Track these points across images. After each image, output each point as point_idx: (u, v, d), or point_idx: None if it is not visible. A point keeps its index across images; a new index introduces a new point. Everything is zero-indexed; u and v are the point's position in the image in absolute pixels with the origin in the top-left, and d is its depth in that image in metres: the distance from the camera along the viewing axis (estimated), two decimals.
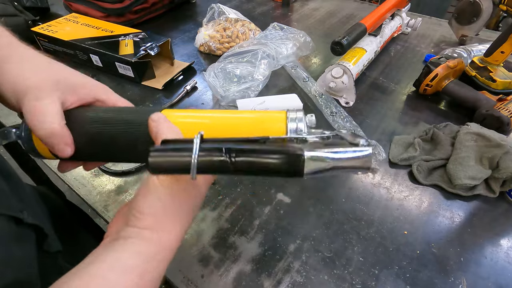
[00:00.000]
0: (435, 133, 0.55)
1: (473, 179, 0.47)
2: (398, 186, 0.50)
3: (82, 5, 0.88)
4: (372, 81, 0.74)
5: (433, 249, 0.42)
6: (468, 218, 0.46)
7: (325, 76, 0.67)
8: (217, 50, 0.80)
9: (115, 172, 0.50)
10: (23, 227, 0.34)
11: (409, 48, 0.88)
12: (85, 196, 0.47)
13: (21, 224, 0.34)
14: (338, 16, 1.07)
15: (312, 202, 0.46)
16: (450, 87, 0.64)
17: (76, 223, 0.59)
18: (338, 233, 0.43)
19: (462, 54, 0.75)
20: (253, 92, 0.64)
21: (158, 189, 0.23)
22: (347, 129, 0.58)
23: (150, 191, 0.23)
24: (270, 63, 0.70)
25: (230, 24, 0.80)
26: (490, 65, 0.65)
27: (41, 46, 0.76)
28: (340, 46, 0.61)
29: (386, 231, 0.44)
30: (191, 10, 1.06)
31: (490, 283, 0.39)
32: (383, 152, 0.52)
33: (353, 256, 0.41)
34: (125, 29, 0.74)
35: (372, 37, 0.74)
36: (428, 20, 1.04)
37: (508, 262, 0.41)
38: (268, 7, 1.10)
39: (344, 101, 0.67)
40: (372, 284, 0.38)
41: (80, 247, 0.51)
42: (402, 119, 0.63)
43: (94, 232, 0.62)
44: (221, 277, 0.38)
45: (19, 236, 0.34)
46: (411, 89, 0.71)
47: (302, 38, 0.78)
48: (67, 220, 0.56)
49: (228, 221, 0.44)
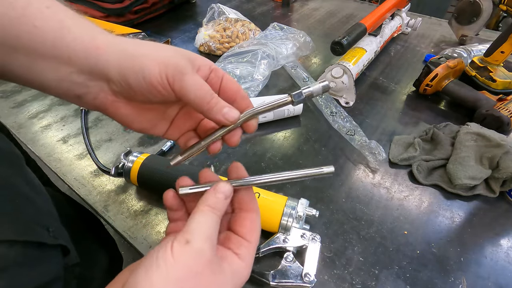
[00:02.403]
0: (435, 133, 0.55)
1: (473, 179, 0.47)
2: (398, 186, 0.50)
3: (82, 5, 0.88)
4: (372, 81, 0.74)
5: (433, 249, 0.42)
6: (468, 218, 0.46)
7: (325, 76, 0.67)
8: (217, 50, 0.80)
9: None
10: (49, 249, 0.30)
11: (409, 48, 0.88)
12: (85, 196, 0.47)
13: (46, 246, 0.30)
14: (338, 16, 1.07)
15: (312, 202, 0.46)
16: (450, 87, 0.64)
17: (82, 224, 0.58)
18: (338, 233, 0.43)
19: (462, 54, 0.75)
20: (253, 92, 0.64)
21: (168, 262, 0.19)
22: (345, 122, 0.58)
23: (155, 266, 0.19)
24: (270, 63, 0.70)
25: (230, 24, 0.80)
26: (490, 65, 0.65)
27: None
28: (340, 46, 0.61)
29: (386, 231, 0.44)
30: (191, 10, 1.06)
31: (490, 283, 0.39)
32: (383, 152, 0.52)
33: (353, 256, 0.41)
34: (125, 29, 0.74)
35: (372, 37, 0.74)
36: (428, 20, 1.04)
37: (508, 262, 0.41)
38: (268, 7, 1.10)
39: (344, 101, 0.67)
40: (372, 284, 0.38)
41: (89, 251, 0.49)
42: (402, 119, 0.63)
43: (99, 233, 0.62)
44: None
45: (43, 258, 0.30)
46: (411, 89, 0.71)
47: (302, 38, 0.78)
48: (75, 223, 0.55)
49: None
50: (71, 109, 0.63)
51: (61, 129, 0.59)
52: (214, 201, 0.24)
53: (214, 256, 0.21)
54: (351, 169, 0.53)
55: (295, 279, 0.36)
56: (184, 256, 0.19)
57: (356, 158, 0.54)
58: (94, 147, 0.55)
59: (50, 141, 0.56)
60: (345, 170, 0.52)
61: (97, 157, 0.53)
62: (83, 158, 0.53)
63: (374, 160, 0.52)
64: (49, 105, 0.64)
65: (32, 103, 0.64)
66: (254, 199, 0.27)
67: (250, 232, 0.26)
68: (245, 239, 0.25)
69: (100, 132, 0.58)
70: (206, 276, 0.20)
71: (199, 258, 0.20)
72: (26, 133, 0.57)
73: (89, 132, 0.58)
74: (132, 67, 0.23)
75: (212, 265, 0.20)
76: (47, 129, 0.58)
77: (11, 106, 0.63)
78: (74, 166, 0.52)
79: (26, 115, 0.61)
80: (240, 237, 0.25)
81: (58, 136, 0.57)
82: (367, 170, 0.52)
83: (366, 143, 0.54)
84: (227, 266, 0.23)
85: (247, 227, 0.26)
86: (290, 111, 0.60)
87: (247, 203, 0.27)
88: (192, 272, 0.19)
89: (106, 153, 0.54)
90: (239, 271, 0.24)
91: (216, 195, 0.24)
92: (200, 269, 0.19)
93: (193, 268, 0.19)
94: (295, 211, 0.40)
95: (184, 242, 0.20)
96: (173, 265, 0.19)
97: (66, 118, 0.61)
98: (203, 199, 0.24)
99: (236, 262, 0.24)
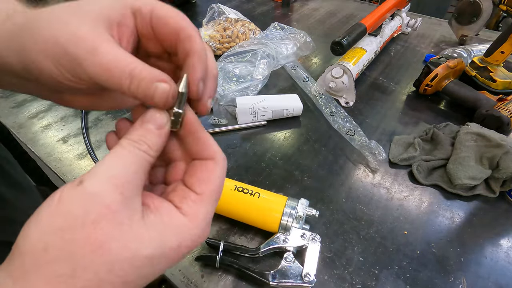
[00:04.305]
0: (435, 133, 0.55)
1: (473, 179, 0.47)
2: (398, 186, 0.50)
3: None
4: (372, 81, 0.74)
5: (433, 249, 0.42)
6: (468, 218, 0.46)
7: (325, 76, 0.67)
8: (217, 50, 0.80)
9: None
10: None
11: (409, 48, 0.88)
12: None
13: None
14: (338, 16, 1.07)
15: (312, 202, 0.46)
16: (450, 87, 0.64)
17: None
18: (338, 233, 0.43)
19: (462, 54, 0.75)
20: (252, 91, 0.64)
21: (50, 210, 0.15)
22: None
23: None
24: (269, 63, 0.70)
25: (230, 24, 0.80)
26: (490, 65, 0.65)
27: None
28: (340, 46, 0.61)
29: (386, 231, 0.44)
30: (191, 10, 1.06)
31: (490, 283, 0.39)
32: (383, 152, 0.52)
33: (353, 256, 0.41)
34: None
35: (372, 37, 0.74)
36: (428, 20, 1.04)
37: (508, 262, 0.41)
38: (268, 7, 1.10)
39: (344, 101, 0.67)
40: (372, 284, 0.38)
41: None
42: (402, 119, 0.63)
43: None
44: (221, 277, 0.38)
45: None
46: (411, 89, 0.71)
47: (302, 38, 0.78)
48: None
49: (228, 221, 0.44)
50: (71, 109, 0.63)
51: (61, 129, 0.59)
52: (139, 133, 0.18)
53: (124, 204, 0.16)
54: (351, 169, 0.53)
55: (295, 279, 0.36)
56: (71, 201, 0.15)
57: (356, 158, 0.54)
58: (94, 147, 0.55)
59: (50, 141, 0.56)
60: (345, 170, 0.52)
61: (97, 157, 0.53)
62: (83, 158, 0.53)
63: (374, 160, 0.52)
64: (49, 105, 0.63)
65: (32, 103, 0.64)
66: (209, 142, 0.20)
67: (200, 182, 0.19)
68: (193, 190, 0.19)
69: (100, 132, 0.58)
70: (104, 227, 0.15)
71: (92, 204, 0.15)
72: (26, 133, 0.57)
73: (89, 132, 0.58)
74: (33, 68, 0.18)
75: (118, 214, 0.15)
76: (47, 129, 0.58)
77: (11, 106, 0.63)
78: (74, 166, 0.52)
79: (26, 115, 0.61)
80: (188, 188, 0.19)
81: (58, 136, 0.57)
82: (367, 170, 0.52)
83: (366, 143, 0.54)
84: (157, 219, 0.17)
85: (198, 177, 0.20)
86: (290, 111, 0.60)
87: (198, 149, 0.20)
88: (79, 221, 0.15)
89: (106, 153, 0.54)
90: (180, 229, 0.18)
91: (144, 125, 0.18)
92: (92, 217, 0.15)
93: (81, 216, 0.15)
94: (295, 211, 0.40)
95: (77, 184, 0.15)
96: (54, 213, 0.15)
97: (66, 118, 0.61)
98: (128, 131, 0.18)
99: (176, 217, 0.18)
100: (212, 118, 0.61)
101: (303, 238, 0.39)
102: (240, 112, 0.58)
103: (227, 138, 0.58)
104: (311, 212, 0.41)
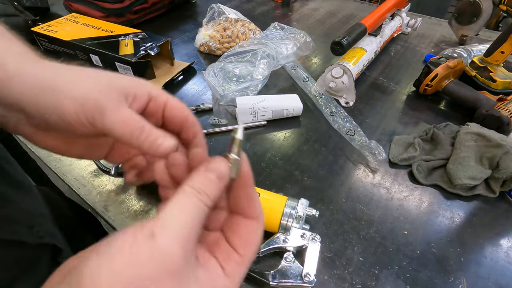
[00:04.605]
0: (435, 133, 0.55)
1: (473, 179, 0.47)
2: (398, 186, 0.50)
3: (82, 5, 0.88)
4: (372, 81, 0.74)
5: (433, 249, 0.42)
6: (468, 218, 0.46)
7: (325, 76, 0.67)
8: (217, 50, 0.80)
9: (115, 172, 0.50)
10: (31, 248, 0.30)
11: (409, 48, 0.88)
12: (85, 196, 0.47)
13: (27, 245, 0.30)
14: (338, 16, 1.07)
15: (312, 202, 0.46)
16: (450, 87, 0.64)
17: (81, 225, 0.58)
18: (338, 233, 0.43)
19: (462, 54, 0.75)
20: (252, 91, 0.64)
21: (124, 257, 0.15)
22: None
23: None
24: (269, 63, 0.70)
25: (230, 24, 0.80)
26: (490, 65, 0.65)
27: (41, 46, 0.76)
28: (340, 46, 0.61)
29: (386, 231, 0.44)
30: (191, 10, 1.06)
31: (490, 283, 0.39)
32: (383, 152, 0.52)
33: (353, 256, 0.41)
34: (125, 29, 0.74)
35: (372, 37, 0.74)
36: (428, 20, 1.04)
37: (508, 262, 0.41)
38: (268, 7, 1.10)
39: (344, 101, 0.67)
40: (372, 284, 0.38)
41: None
42: (402, 119, 0.63)
43: (99, 233, 0.62)
44: None
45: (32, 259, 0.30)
46: (411, 89, 0.71)
47: (302, 38, 0.78)
48: (73, 224, 0.55)
49: None
50: None
51: None
52: (202, 181, 0.18)
53: (185, 259, 0.16)
54: (351, 169, 0.53)
55: (295, 279, 0.36)
56: (144, 253, 0.15)
57: (356, 158, 0.54)
58: None
59: None
60: (345, 170, 0.52)
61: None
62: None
63: (374, 160, 0.52)
64: None
65: None
66: (256, 201, 0.21)
67: (245, 244, 0.20)
68: (237, 252, 0.20)
69: None
70: (165, 283, 0.15)
71: (161, 261, 0.15)
72: None
73: None
74: (48, 104, 0.20)
75: (180, 272, 0.16)
76: None
77: None
78: (74, 166, 0.52)
79: None
80: (232, 248, 0.20)
81: None
82: (367, 170, 0.52)
83: (366, 143, 0.54)
84: (206, 277, 0.18)
85: (242, 237, 0.21)
86: (290, 111, 0.60)
87: (245, 206, 0.21)
88: (148, 276, 0.15)
89: None
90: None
91: (206, 174, 0.19)
92: (163, 276, 0.15)
93: (150, 271, 0.15)
94: (295, 211, 0.40)
95: (148, 235, 0.16)
96: (127, 263, 0.15)
97: None
98: (188, 177, 0.19)
99: (220, 277, 0.19)
100: (212, 118, 0.61)
101: (303, 238, 0.39)
102: (240, 112, 0.58)
103: (227, 138, 0.58)
104: (311, 212, 0.41)
